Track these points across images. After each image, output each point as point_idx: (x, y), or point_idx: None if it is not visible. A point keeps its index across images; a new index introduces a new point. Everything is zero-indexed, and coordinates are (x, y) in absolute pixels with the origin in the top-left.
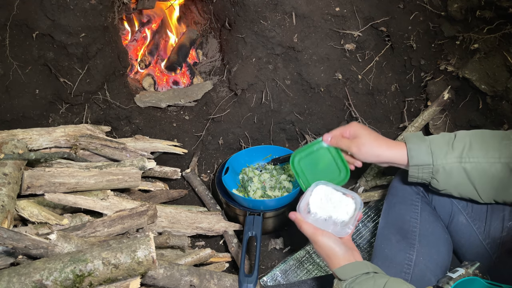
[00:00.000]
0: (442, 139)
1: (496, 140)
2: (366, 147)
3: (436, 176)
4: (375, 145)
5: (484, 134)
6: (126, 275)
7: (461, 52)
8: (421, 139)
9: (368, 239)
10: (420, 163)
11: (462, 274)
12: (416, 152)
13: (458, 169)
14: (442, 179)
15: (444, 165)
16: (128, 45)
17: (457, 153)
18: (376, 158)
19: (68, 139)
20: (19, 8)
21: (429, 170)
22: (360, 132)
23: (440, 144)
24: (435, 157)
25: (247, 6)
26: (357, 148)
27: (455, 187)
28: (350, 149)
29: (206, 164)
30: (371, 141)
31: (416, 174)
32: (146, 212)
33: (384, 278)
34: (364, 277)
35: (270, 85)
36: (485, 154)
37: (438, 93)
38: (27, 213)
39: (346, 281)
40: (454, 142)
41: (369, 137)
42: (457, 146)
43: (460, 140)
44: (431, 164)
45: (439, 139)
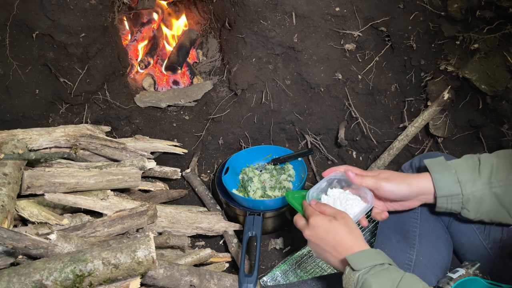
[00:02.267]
0: (466, 165)
1: None
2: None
3: (466, 206)
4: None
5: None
6: (126, 275)
7: (461, 52)
8: (445, 167)
9: (368, 239)
10: (449, 193)
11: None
12: (443, 182)
13: (488, 195)
14: (473, 208)
15: (475, 193)
16: (128, 45)
17: (485, 179)
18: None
19: (68, 139)
20: (19, 8)
21: (459, 200)
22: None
23: (467, 171)
24: (464, 186)
25: (247, 6)
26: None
27: (487, 213)
28: (376, 184)
29: (206, 164)
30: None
31: (445, 205)
32: (146, 212)
33: (399, 272)
34: (379, 268)
35: (270, 85)
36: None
37: (438, 93)
38: (27, 213)
39: (359, 272)
40: (480, 167)
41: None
42: (483, 171)
43: (486, 164)
44: (460, 194)
45: (463, 166)
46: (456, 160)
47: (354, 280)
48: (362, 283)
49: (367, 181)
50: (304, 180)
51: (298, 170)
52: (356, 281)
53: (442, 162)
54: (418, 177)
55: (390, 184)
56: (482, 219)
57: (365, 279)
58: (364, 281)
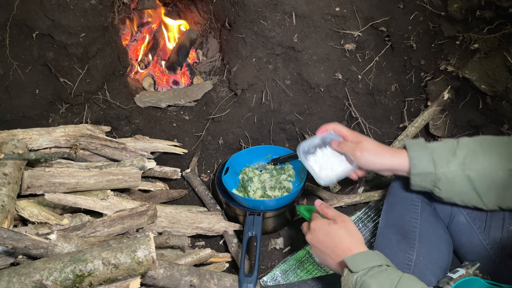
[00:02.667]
0: (444, 146)
1: (501, 146)
2: (369, 152)
3: (438, 185)
4: (378, 151)
5: (488, 140)
6: (126, 275)
7: (461, 52)
8: (423, 146)
9: (368, 239)
10: (422, 171)
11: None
12: (418, 160)
13: (461, 177)
14: (445, 188)
15: (447, 174)
16: (128, 45)
17: (459, 161)
18: (379, 164)
19: (68, 139)
20: (19, 8)
21: (431, 179)
22: (364, 138)
23: (443, 151)
24: (437, 166)
25: (247, 6)
26: (360, 152)
27: (459, 195)
28: (353, 153)
29: (206, 164)
30: (374, 147)
31: (418, 183)
32: (146, 212)
33: (398, 273)
34: (377, 270)
35: (270, 85)
36: (489, 161)
37: (438, 93)
38: (27, 213)
39: (357, 273)
40: (457, 149)
41: (372, 143)
42: (460, 154)
43: (463, 147)
44: (434, 173)
45: (441, 146)
46: (436, 142)
47: (353, 282)
48: (361, 284)
49: (344, 148)
50: (304, 180)
51: (298, 170)
52: (354, 282)
53: (421, 143)
54: (393, 154)
55: (364, 158)
56: (454, 200)
57: (363, 281)
58: (363, 283)
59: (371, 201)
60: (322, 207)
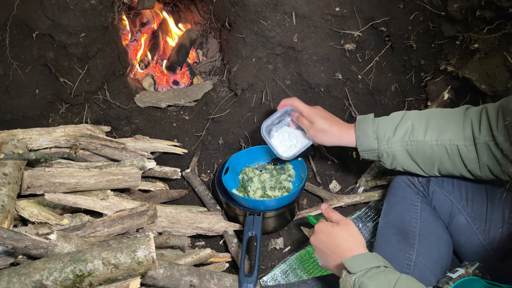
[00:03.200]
0: (388, 123)
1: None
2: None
3: (381, 159)
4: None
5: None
6: (126, 275)
7: (461, 52)
8: (370, 123)
9: (368, 239)
10: (367, 149)
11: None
12: (363, 139)
13: (400, 152)
14: (387, 161)
15: (387, 150)
16: (128, 45)
17: (399, 137)
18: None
19: (68, 139)
20: (19, 8)
21: (376, 154)
22: (316, 118)
23: (385, 129)
24: (379, 143)
25: (247, 6)
26: (313, 132)
27: (401, 166)
28: (307, 132)
29: (206, 164)
30: (326, 127)
31: (365, 156)
32: (146, 212)
33: (395, 274)
34: (375, 271)
35: (270, 85)
36: (428, 134)
37: (438, 93)
38: (27, 213)
39: (355, 275)
40: (398, 125)
41: (323, 123)
42: (399, 130)
43: (405, 122)
44: (377, 150)
45: (385, 123)
46: (383, 117)
47: (351, 283)
48: (359, 285)
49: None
50: (304, 180)
51: (298, 170)
52: (352, 284)
53: (368, 120)
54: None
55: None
56: (398, 169)
57: (361, 282)
58: (361, 284)
59: (371, 201)
60: (328, 210)
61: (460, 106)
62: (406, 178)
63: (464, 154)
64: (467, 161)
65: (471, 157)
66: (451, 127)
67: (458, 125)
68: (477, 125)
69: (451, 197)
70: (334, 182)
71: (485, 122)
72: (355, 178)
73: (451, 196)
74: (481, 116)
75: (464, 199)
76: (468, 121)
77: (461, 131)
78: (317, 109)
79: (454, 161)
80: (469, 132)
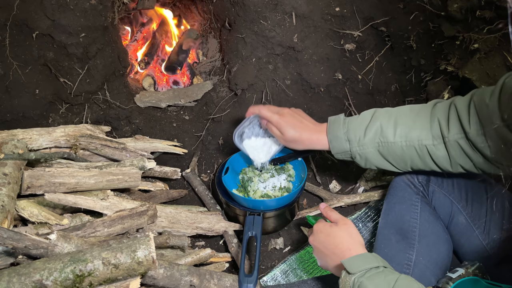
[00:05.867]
0: (358, 124)
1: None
2: (292, 142)
3: (355, 159)
4: (300, 138)
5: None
6: (126, 275)
7: (461, 52)
8: (341, 125)
9: (368, 239)
10: (340, 151)
11: (462, 274)
12: (335, 142)
13: (372, 153)
14: (360, 161)
15: (358, 152)
16: (128, 45)
17: (369, 138)
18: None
19: (68, 139)
20: (19, 8)
21: (349, 155)
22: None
23: (356, 130)
24: (351, 145)
25: (247, 6)
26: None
27: (375, 164)
28: (279, 141)
29: (206, 164)
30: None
31: (340, 157)
32: (146, 212)
33: (395, 275)
34: (374, 271)
35: (270, 85)
36: (394, 136)
37: (438, 93)
38: (27, 213)
39: (355, 275)
40: (368, 126)
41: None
42: (369, 131)
43: (373, 123)
44: (349, 151)
45: (356, 124)
46: (353, 117)
47: (350, 284)
48: (358, 286)
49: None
50: (304, 180)
51: (298, 170)
52: (352, 284)
53: (339, 121)
54: (313, 140)
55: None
56: (372, 168)
57: (360, 282)
58: (360, 284)
59: (371, 201)
60: (326, 210)
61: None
62: (406, 178)
63: (434, 153)
64: (437, 159)
65: (441, 155)
66: (419, 126)
67: (425, 124)
68: (445, 123)
69: (451, 197)
70: (334, 182)
71: (454, 119)
72: (355, 178)
73: (451, 196)
74: (450, 113)
75: (464, 199)
76: (435, 120)
77: (429, 130)
78: (286, 116)
79: (424, 160)
80: (437, 131)
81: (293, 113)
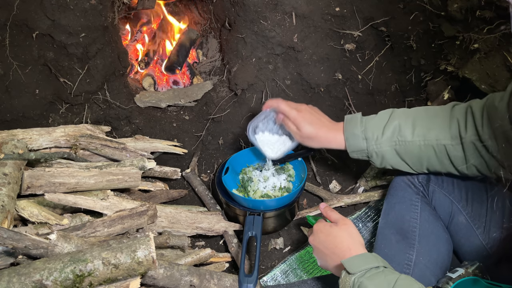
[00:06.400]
0: (376, 123)
1: (425, 119)
2: (308, 138)
3: (371, 158)
4: (316, 135)
5: (417, 113)
6: (126, 275)
7: (461, 52)
8: (358, 123)
9: (368, 239)
10: (356, 149)
11: (462, 274)
12: (352, 140)
13: (388, 151)
14: (376, 160)
15: (376, 150)
16: (128, 45)
17: (387, 137)
18: (318, 146)
19: (68, 139)
20: (19, 8)
21: (365, 154)
22: (302, 124)
23: (373, 129)
24: (368, 144)
25: (247, 6)
26: (300, 138)
27: (390, 164)
28: (294, 137)
29: (206, 164)
30: (313, 133)
31: (355, 156)
32: (146, 212)
33: (395, 275)
34: (374, 271)
35: (270, 85)
36: (415, 134)
37: (438, 93)
38: (27, 213)
39: (355, 275)
40: (386, 125)
41: (310, 129)
42: (387, 130)
43: (393, 121)
44: (366, 150)
45: (373, 123)
46: (370, 116)
47: (350, 284)
48: (358, 286)
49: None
50: (304, 180)
51: (298, 170)
52: (352, 284)
53: (356, 120)
54: (330, 137)
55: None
56: (387, 167)
57: (360, 282)
58: (360, 284)
59: (371, 201)
60: (326, 209)
61: (446, 104)
62: (406, 178)
63: (451, 153)
64: (455, 160)
65: (459, 156)
66: (437, 126)
67: (444, 124)
68: (463, 124)
69: (451, 197)
70: (334, 182)
71: (470, 121)
72: (355, 178)
73: (451, 196)
74: (467, 115)
75: (464, 199)
76: (454, 120)
77: (447, 130)
78: (303, 112)
79: (442, 160)
80: (456, 131)
81: (310, 109)
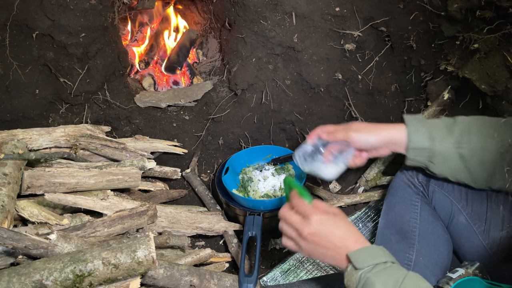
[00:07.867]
0: (441, 123)
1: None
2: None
3: (433, 160)
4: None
5: (483, 121)
6: (126, 275)
7: (461, 52)
8: (421, 122)
9: (368, 239)
10: (419, 146)
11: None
12: (415, 135)
13: (454, 154)
14: (439, 163)
15: (442, 150)
16: (128, 45)
17: (455, 138)
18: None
19: (68, 139)
20: (19, 8)
21: (427, 154)
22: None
23: (440, 128)
24: (434, 142)
25: (247, 6)
26: (354, 132)
27: (452, 171)
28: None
29: (206, 164)
30: (366, 125)
31: (413, 157)
32: (146, 212)
33: (402, 271)
34: (382, 267)
35: (270, 85)
36: (482, 141)
37: (438, 93)
38: (27, 213)
39: (362, 270)
40: (453, 126)
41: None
42: (455, 131)
43: (459, 125)
44: (430, 148)
45: (438, 123)
46: (434, 119)
47: (356, 278)
48: (365, 281)
49: (337, 135)
50: (304, 180)
51: (298, 170)
52: (358, 279)
53: (419, 118)
54: (388, 127)
55: (359, 135)
56: (447, 176)
57: (367, 278)
58: (367, 280)
59: (371, 201)
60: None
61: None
62: (406, 178)
63: None
64: None
65: None
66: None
67: None
68: None
69: (451, 197)
70: (334, 182)
71: None
72: (355, 178)
73: (451, 196)
74: None
75: (464, 199)
76: None
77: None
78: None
79: None
80: None
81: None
